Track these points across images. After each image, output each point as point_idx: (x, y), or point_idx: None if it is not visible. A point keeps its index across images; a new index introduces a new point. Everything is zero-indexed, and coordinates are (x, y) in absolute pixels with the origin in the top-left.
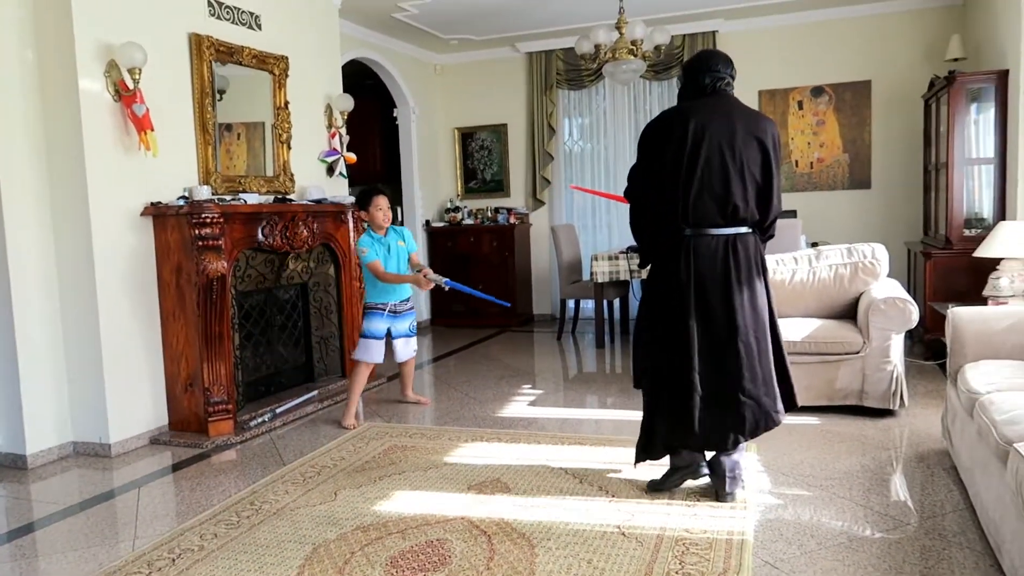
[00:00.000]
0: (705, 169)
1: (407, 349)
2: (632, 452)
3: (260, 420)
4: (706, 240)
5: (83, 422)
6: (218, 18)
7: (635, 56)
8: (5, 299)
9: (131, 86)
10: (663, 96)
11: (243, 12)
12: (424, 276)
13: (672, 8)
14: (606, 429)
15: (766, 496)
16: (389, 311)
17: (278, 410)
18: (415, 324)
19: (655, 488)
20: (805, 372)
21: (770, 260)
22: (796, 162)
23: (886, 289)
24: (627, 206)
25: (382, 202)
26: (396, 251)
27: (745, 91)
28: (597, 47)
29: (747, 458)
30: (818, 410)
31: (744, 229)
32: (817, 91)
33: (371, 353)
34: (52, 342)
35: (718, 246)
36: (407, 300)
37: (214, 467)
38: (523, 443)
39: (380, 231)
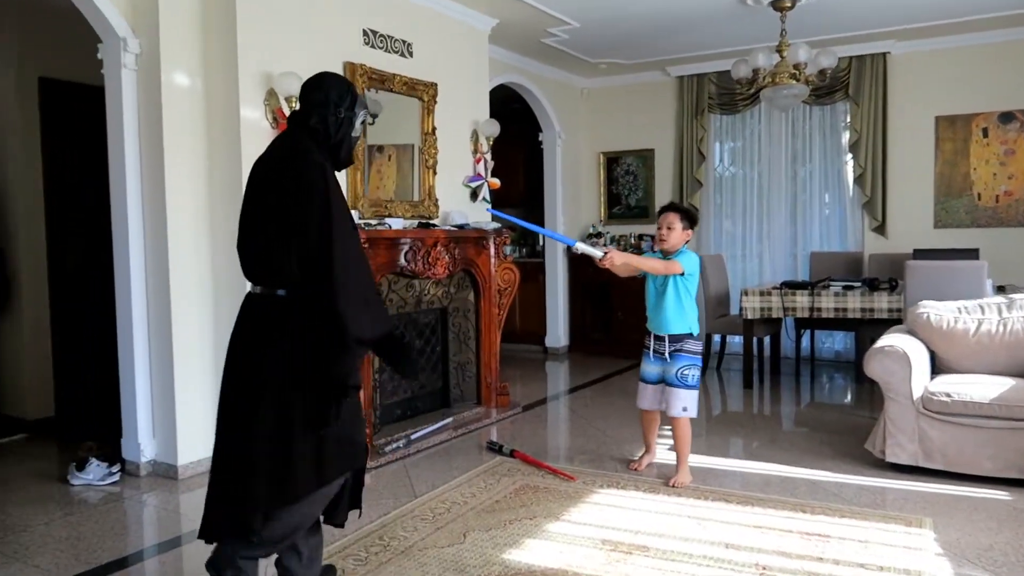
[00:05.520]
0: (241, 219)
1: (667, 398)
2: (784, 514)
3: (395, 446)
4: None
5: None
6: (372, 47)
7: (797, 80)
8: (165, 312)
9: (288, 113)
10: (824, 120)
11: (396, 40)
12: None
13: (839, 29)
14: (753, 484)
15: None
16: (653, 351)
17: (413, 436)
18: (688, 374)
19: None
20: (993, 438)
21: (951, 307)
22: (979, 195)
23: None
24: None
25: (661, 220)
26: (658, 278)
27: (920, 117)
28: (755, 71)
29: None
30: (1009, 483)
31: (277, 290)
32: (1006, 117)
33: (638, 396)
34: (206, 357)
35: (246, 305)
36: (677, 341)
37: None
38: (663, 494)
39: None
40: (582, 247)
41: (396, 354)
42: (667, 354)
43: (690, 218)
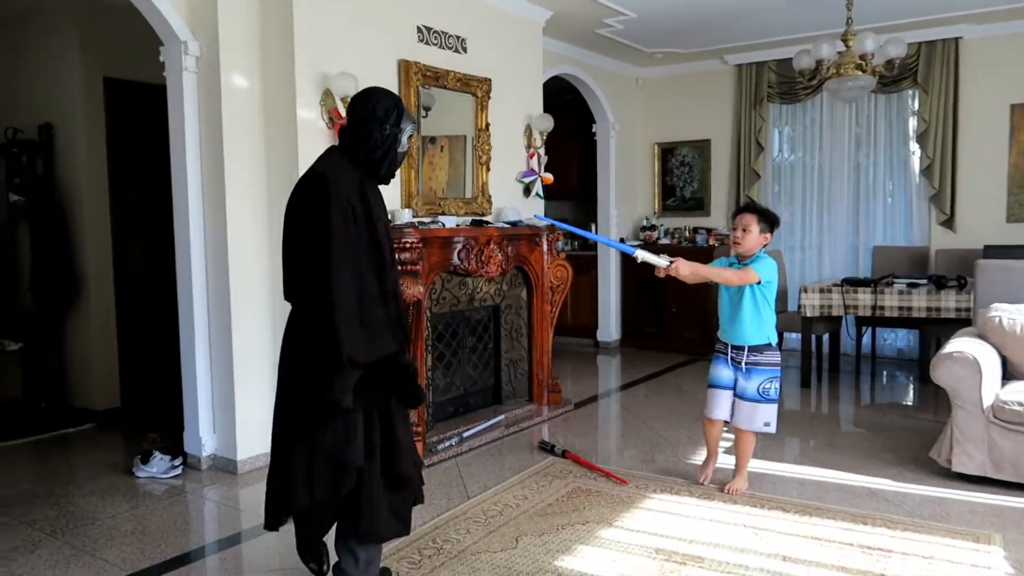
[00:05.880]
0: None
1: (739, 411)
2: (844, 525)
3: (448, 444)
4: None
5: None
6: (426, 43)
7: (863, 71)
8: (225, 308)
9: (343, 113)
10: (890, 108)
11: (450, 36)
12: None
13: (907, 14)
14: (810, 491)
15: None
16: (730, 358)
17: (465, 434)
18: (770, 388)
19: None
20: None
21: None
22: None
23: None
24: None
25: (737, 221)
26: (732, 286)
27: (994, 106)
28: (819, 62)
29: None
30: None
31: (296, 304)
32: None
33: (706, 404)
34: (264, 353)
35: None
36: (755, 352)
37: None
38: (718, 501)
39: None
40: (643, 255)
41: (393, 381)
42: (743, 363)
43: (768, 220)
